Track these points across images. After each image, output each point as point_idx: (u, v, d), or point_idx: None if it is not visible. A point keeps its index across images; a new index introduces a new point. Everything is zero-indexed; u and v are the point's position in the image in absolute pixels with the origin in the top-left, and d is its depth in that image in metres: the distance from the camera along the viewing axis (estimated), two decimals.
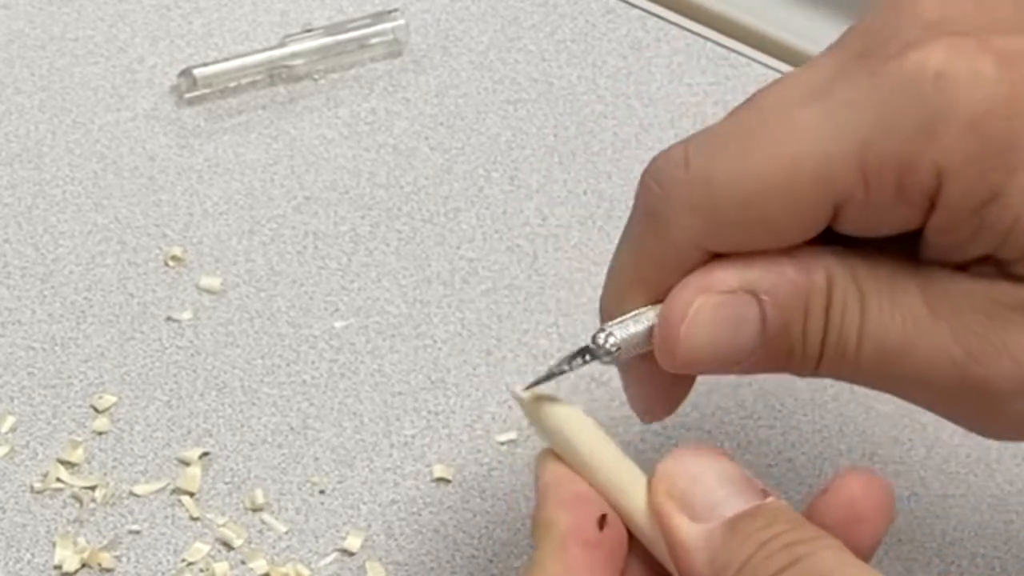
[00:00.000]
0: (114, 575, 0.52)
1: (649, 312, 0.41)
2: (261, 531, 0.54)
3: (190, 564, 0.52)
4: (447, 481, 0.55)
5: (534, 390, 0.41)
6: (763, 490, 0.38)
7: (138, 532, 0.53)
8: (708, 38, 0.71)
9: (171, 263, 0.61)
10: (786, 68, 0.70)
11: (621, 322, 0.41)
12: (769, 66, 0.70)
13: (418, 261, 0.62)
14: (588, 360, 0.41)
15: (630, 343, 0.41)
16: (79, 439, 0.55)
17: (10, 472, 0.54)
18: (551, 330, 0.60)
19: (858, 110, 0.38)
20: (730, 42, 0.71)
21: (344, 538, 0.53)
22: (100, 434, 0.56)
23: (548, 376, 0.41)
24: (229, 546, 0.53)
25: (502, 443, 0.57)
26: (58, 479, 0.54)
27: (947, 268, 0.39)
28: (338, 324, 0.60)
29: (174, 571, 0.52)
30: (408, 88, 0.68)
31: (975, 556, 0.55)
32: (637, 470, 0.40)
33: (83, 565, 0.52)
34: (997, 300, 0.38)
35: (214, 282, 0.60)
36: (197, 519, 0.54)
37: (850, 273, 0.39)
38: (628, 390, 0.44)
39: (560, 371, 0.41)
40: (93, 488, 0.54)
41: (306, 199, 0.63)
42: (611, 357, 0.40)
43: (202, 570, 0.52)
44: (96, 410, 0.56)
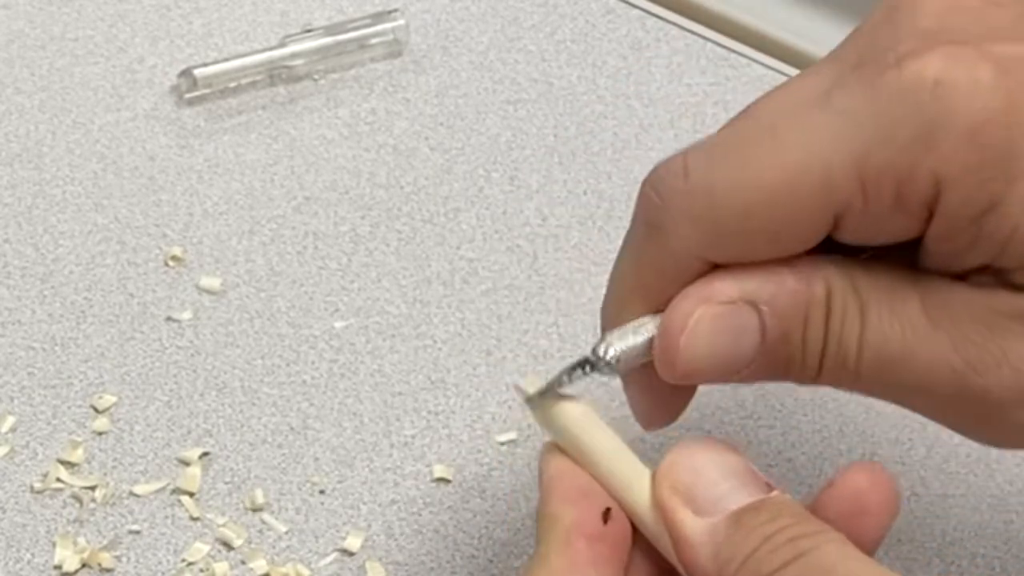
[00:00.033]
0: (114, 575, 0.52)
1: (649, 323, 0.41)
2: (261, 531, 0.54)
3: (190, 564, 0.53)
4: (447, 481, 0.55)
5: (538, 385, 0.41)
6: (767, 483, 0.38)
7: (138, 532, 0.53)
8: (708, 38, 0.71)
9: (171, 263, 0.61)
10: (786, 68, 0.70)
11: (621, 332, 0.41)
12: (769, 66, 0.70)
13: (418, 261, 0.62)
14: (589, 372, 0.41)
15: (630, 355, 0.41)
16: (79, 439, 0.55)
17: (10, 472, 0.54)
18: (551, 330, 0.60)
19: (856, 120, 0.38)
20: (730, 42, 0.71)
21: (344, 538, 0.54)
22: (100, 434, 0.56)
23: (548, 389, 0.41)
24: (229, 546, 0.53)
25: (502, 443, 0.57)
26: (58, 479, 0.54)
27: (946, 277, 0.39)
28: (338, 324, 0.60)
29: (174, 571, 0.52)
30: (408, 88, 0.68)
31: (975, 556, 0.55)
32: (641, 464, 0.40)
33: (83, 565, 0.52)
34: (996, 309, 0.38)
35: (214, 282, 0.60)
36: (197, 519, 0.54)
37: (850, 282, 0.39)
38: (630, 399, 0.44)
39: (560, 383, 0.41)
40: (93, 488, 0.54)
41: (306, 199, 0.64)
42: (611, 369, 0.41)
43: (202, 570, 0.52)
44: (96, 410, 0.56)
